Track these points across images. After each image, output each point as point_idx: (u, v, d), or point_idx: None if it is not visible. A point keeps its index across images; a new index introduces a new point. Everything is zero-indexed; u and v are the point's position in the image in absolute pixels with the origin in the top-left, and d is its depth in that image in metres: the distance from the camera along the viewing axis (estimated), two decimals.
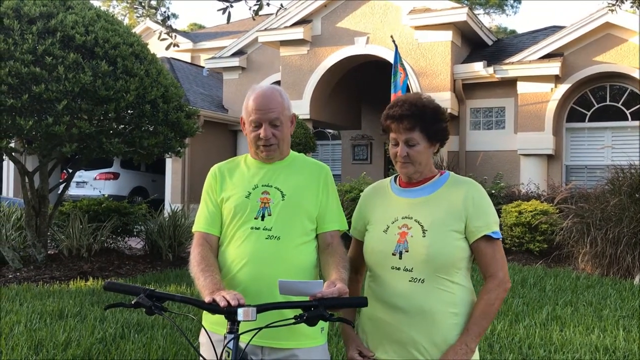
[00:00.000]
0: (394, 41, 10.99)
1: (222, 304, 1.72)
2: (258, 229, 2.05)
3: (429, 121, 2.02)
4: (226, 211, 2.12)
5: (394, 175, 2.21)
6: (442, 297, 1.97)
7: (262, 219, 2.06)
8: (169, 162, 14.14)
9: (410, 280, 1.98)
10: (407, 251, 1.99)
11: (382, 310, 2.03)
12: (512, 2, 33.86)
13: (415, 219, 2.02)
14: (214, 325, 2.03)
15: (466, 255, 2.01)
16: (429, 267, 1.96)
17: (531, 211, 8.85)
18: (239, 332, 1.71)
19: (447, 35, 11.85)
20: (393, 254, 2.01)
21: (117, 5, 35.88)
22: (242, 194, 2.11)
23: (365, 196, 2.24)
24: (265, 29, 13.37)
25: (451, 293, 1.98)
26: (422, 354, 1.97)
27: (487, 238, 1.99)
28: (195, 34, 23.10)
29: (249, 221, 2.07)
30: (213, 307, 1.76)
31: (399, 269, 2.00)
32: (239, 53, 15.22)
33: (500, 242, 2.04)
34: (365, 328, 2.12)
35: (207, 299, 1.78)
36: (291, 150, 2.25)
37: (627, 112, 11.47)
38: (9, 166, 15.44)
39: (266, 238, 2.04)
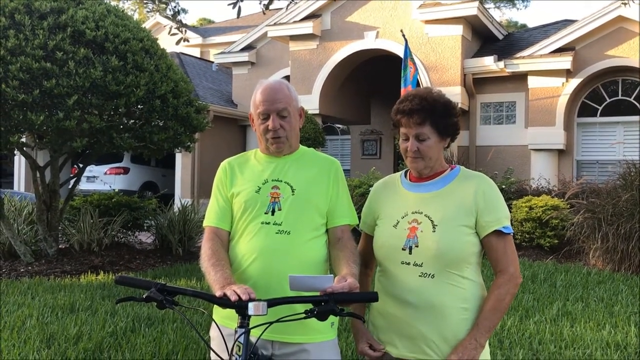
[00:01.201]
0: (403, 35, 10.95)
1: (233, 298, 1.72)
2: (268, 223, 2.05)
3: (440, 115, 2.01)
4: (236, 206, 2.12)
5: (404, 170, 2.20)
6: (452, 292, 1.96)
7: (272, 214, 2.06)
8: (178, 157, 14.18)
9: (420, 275, 1.97)
10: (417, 246, 1.98)
11: (392, 305, 2.03)
12: None
13: (425, 213, 2.01)
14: (224, 319, 2.03)
15: (476, 250, 2.00)
16: (439, 262, 1.96)
17: (542, 206, 8.80)
18: (250, 327, 1.72)
19: (458, 30, 11.78)
20: (403, 249, 2.00)
21: (127, 1, 35.96)
22: (252, 189, 2.11)
23: (375, 190, 2.23)
24: (275, 24, 13.34)
25: (461, 288, 1.97)
26: (431, 349, 1.96)
27: (498, 233, 1.98)
28: (205, 28, 23.11)
29: (259, 216, 2.07)
30: (224, 301, 1.76)
31: (408, 263, 1.99)
32: (248, 48, 15.21)
33: (511, 237, 2.02)
34: (375, 322, 2.12)
35: (217, 293, 1.79)
36: (301, 145, 2.24)
37: (639, 107, 11.37)
38: (20, 161, 15.55)
39: (276, 233, 2.04)
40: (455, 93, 11.61)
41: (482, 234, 1.99)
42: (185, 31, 5.24)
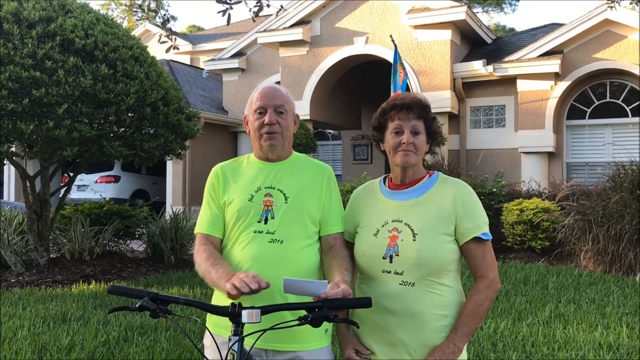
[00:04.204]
0: (393, 41, 10.99)
1: (245, 289, 1.71)
2: (261, 232, 2.04)
3: (430, 117, 2.09)
4: (229, 215, 2.11)
5: (382, 177, 2.21)
6: (431, 300, 1.98)
7: (265, 222, 2.05)
8: (169, 165, 14.14)
9: (400, 284, 1.99)
10: (397, 255, 1.99)
11: (372, 312, 2.03)
12: None
13: (405, 222, 2.02)
14: (218, 327, 2.03)
15: (456, 257, 2.02)
16: (420, 270, 1.97)
17: (533, 209, 8.85)
18: (244, 334, 1.71)
19: (446, 34, 11.85)
20: (383, 258, 2.01)
21: (116, 8, 35.89)
22: (245, 197, 2.09)
23: (355, 198, 2.23)
24: (265, 30, 13.37)
25: (441, 295, 1.99)
26: (411, 356, 1.98)
27: (477, 239, 2.00)
28: (195, 35, 23.10)
29: (252, 224, 2.05)
30: (217, 309, 1.76)
31: (389, 272, 2.00)
32: (238, 54, 15.22)
33: (490, 243, 2.04)
34: (355, 330, 2.12)
35: (227, 286, 1.76)
36: (294, 151, 2.25)
37: (628, 109, 11.47)
38: (10, 170, 15.45)
39: (269, 242, 2.03)
40: (445, 97, 11.67)
41: (462, 240, 2.01)
42: (175, 39, 5.24)
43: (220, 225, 2.13)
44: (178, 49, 5.40)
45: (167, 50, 5.30)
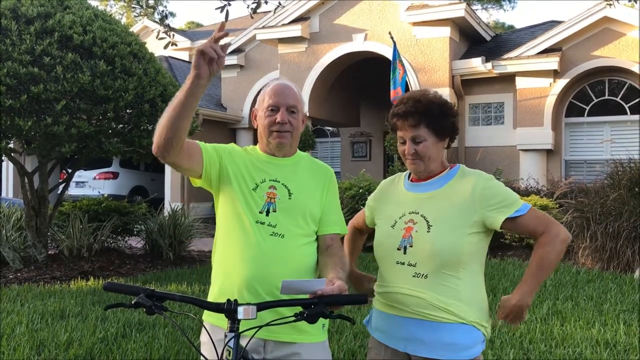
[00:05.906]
0: (392, 37, 10.98)
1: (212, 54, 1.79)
2: (263, 223, 2.03)
3: (436, 117, 2.03)
4: (229, 199, 2.08)
5: (408, 171, 2.21)
6: (445, 293, 1.96)
7: (267, 214, 2.04)
8: None
9: (413, 276, 1.98)
10: (411, 246, 1.99)
11: (387, 305, 2.05)
12: None
13: (422, 214, 2.02)
14: (216, 319, 2.01)
15: (474, 249, 1.99)
16: (433, 262, 1.96)
17: None
18: (240, 330, 1.72)
19: (445, 31, 11.84)
20: (398, 249, 2.02)
21: (115, 5, 35.81)
22: (250, 186, 2.08)
23: (380, 188, 2.27)
24: (263, 27, 13.35)
25: (455, 289, 1.97)
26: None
27: (512, 218, 1.97)
28: (193, 32, 23.07)
29: (254, 214, 2.04)
30: (213, 306, 1.76)
31: (403, 263, 2.00)
32: (236, 51, 15.20)
33: (532, 210, 2.00)
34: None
35: (195, 57, 1.79)
36: (297, 149, 2.25)
37: (626, 106, 11.47)
38: (8, 167, 15.43)
39: (270, 234, 2.02)
40: (443, 94, 11.49)
41: (497, 225, 1.97)
42: (173, 35, 5.24)
43: (205, 151, 2.07)
44: (176, 45, 5.39)
45: (166, 47, 5.30)
